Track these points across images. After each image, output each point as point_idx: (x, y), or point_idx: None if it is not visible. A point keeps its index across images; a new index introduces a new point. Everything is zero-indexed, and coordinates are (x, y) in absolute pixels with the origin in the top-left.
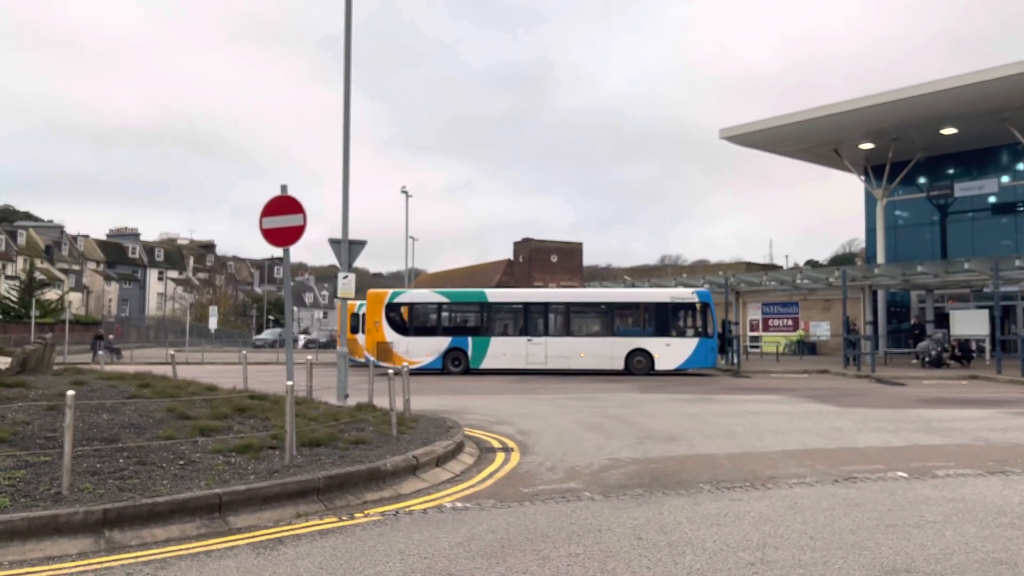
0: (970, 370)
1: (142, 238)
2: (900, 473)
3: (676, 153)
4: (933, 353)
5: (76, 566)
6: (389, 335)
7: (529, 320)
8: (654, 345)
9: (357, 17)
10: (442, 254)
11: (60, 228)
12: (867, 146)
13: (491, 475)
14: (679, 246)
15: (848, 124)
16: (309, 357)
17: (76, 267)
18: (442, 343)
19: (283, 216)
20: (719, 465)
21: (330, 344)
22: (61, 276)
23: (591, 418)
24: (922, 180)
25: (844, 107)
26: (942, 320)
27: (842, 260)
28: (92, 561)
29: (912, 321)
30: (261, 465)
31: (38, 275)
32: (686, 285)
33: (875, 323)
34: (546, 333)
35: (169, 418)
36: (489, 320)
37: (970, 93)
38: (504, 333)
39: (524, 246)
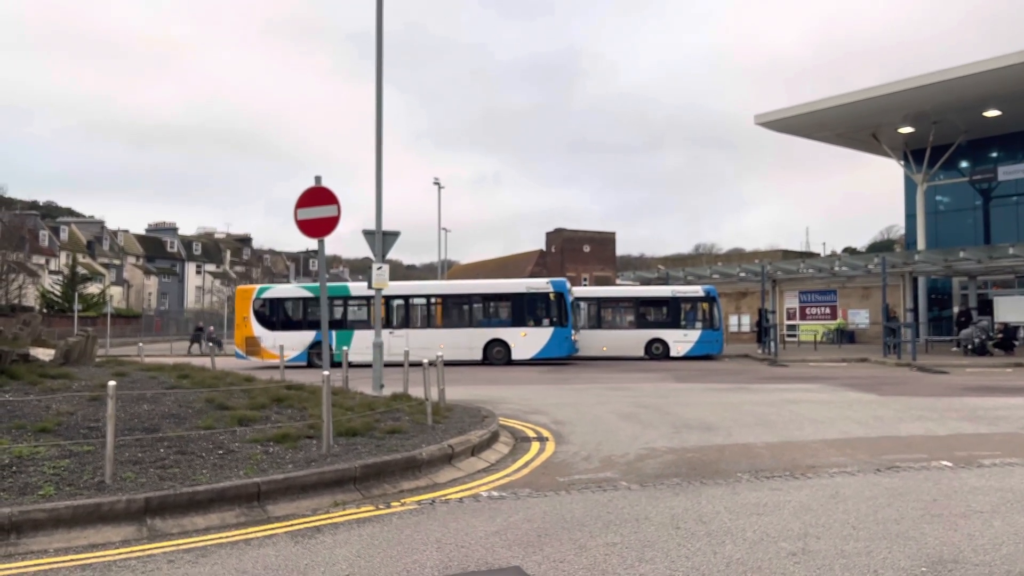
0: (1014, 358)
1: (180, 232)
2: (945, 462)
3: (705, 141)
4: (976, 341)
5: (119, 553)
6: (257, 330)
7: (392, 313)
8: (511, 335)
9: (386, 11)
10: (472, 245)
11: (101, 223)
12: (907, 130)
13: (526, 464)
14: (712, 235)
15: (887, 108)
16: (344, 348)
17: (117, 261)
18: (307, 337)
19: (317, 207)
20: (757, 454)
21: None
22: (102, 270)
23: (625, 407)
24: (964, 164)
25: (883, 90)
26: (985, 307)
27: (881, 247)
28: (135, 548)
29: (957, 308)
30: (299, 454)
31: (80, 270)
32: (722, 274)
33: (915, 310)
34: (407, 325)
35: (208, 408)
36: (352, 314)
37: (1014, 74)
38: (367, 326)
39: (556, 236)
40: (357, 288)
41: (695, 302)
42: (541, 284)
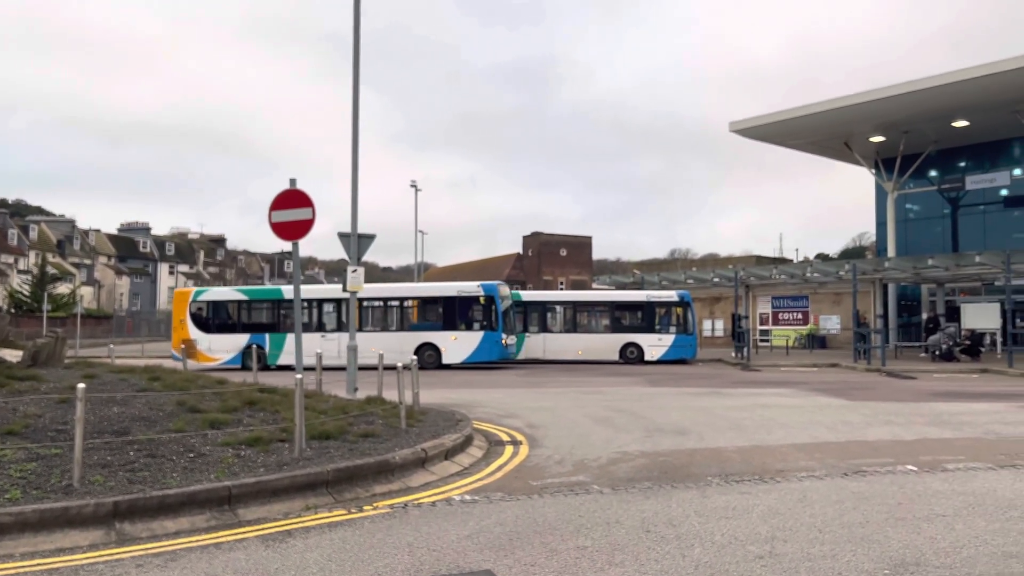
0: (981, 364)
1: (153, 232)
2: (910, 467)
3: (681, 148)
4: (944, 347)
5: (87, 558)
6: (193, 332)
7: (324, 316)
8: (441, 339)
9: (365, 12)
10: (449, 248)
11: (72, 223)
12: (878, 139)
13: (500, 468)
14: (688, 240)
15: (859, 117)
16: (318, 350)
17: (88, 261)
18: (241, 340)
19: (292, 210)
20: (728, 458)
21: None
22: (73, 270)
23: (600, 411)
24: (933, 173)
25: (855, 100)
26: (953, 313)
27: (852, 253)
28: (103, 553)
29: (926, 315)
30: (271, 458)
31: (50, 269)
32: (697, 279)
33: (885, 316)
34: (339, 329)
35: (179, 411)
36: (286, 317)
37: (982, 85)
38: (302, 329)
39: (533, 240)
40: (289, 291)
41: (669, 307)
42: (472, 288)
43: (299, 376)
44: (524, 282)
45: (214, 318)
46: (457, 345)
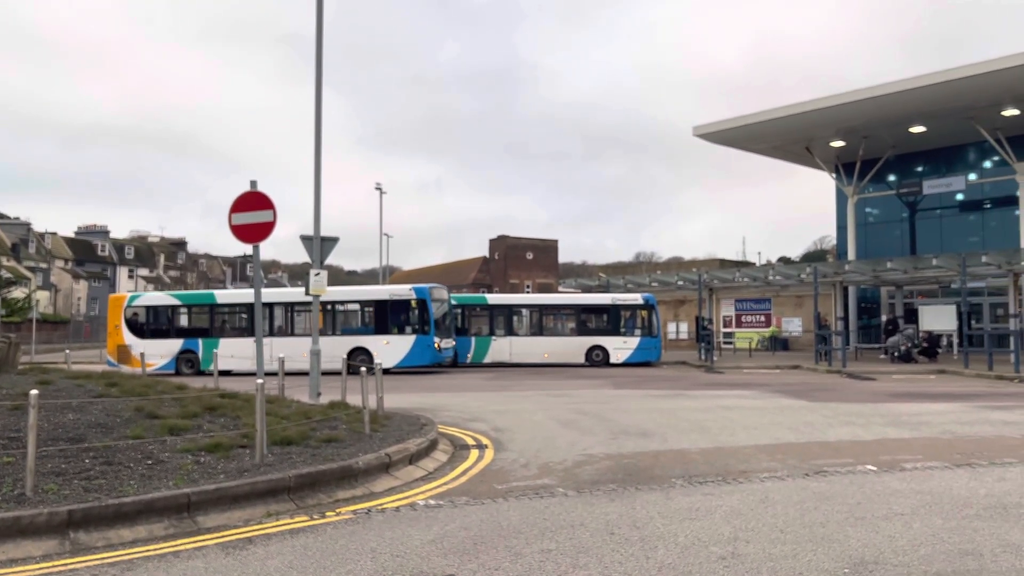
0: (938, 364)
1: (112, 236)
2: (869, 466)
3: (645, 152)
4: (902, 348)
5: (40, 568)
6: (128, 338)
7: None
8: (373, 343)
9: (328, 14)
10: (415, 251)
11: (27, 225)
12: (838, 144)
13: (464, 472)
14: (652, 243)
15: (819, 122)
16: (281, 355)
17: (44, 265)
18: (175, 345)
19: (253, 212)
20: (692, 460)
21: None
22: (28, 274)
23: (565, 414)
24: (892, 178)
25: (815, 105)
26: (911, 315)
27: (814, 257)
28: (57, 563)
29: (885, 317)
30: (231, 464)
31: (4, 273)
32: (661, 282)
33: (846, 319)
34: (271, 333)
35: (137, 417)
36: (219, 322)
37: (938, 92)
38: (232, 334)
39: (500, 243)
40: (223, 296)
41: (634, 310)
42: (404, 291)
43: (260, 381)
44: (491, 285)
45: (148, 323)
46: (389, 349)
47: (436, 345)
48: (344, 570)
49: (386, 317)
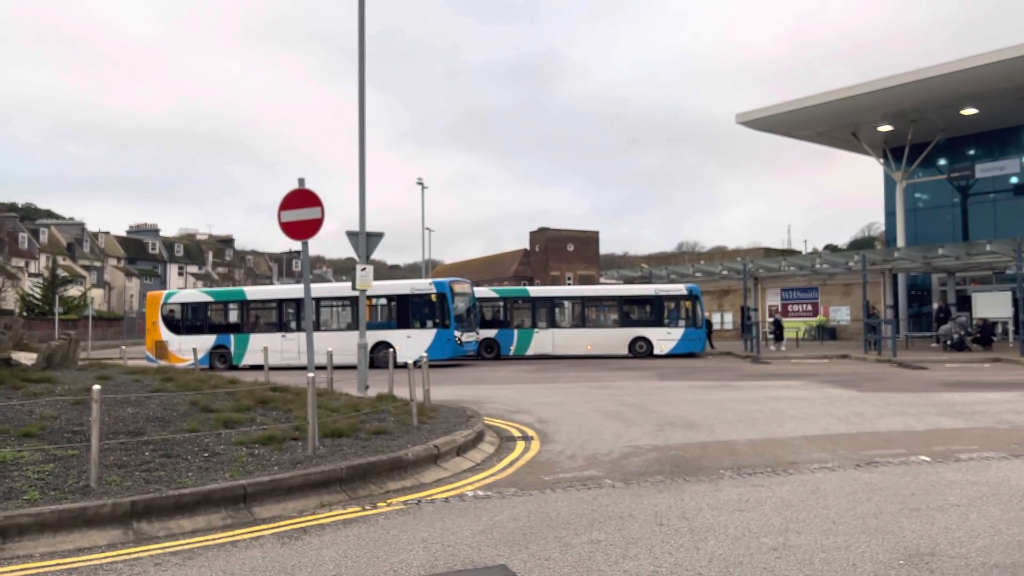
0: (993, 353)
1: (162, 234)
2: (923, 457)
3: (683, 141)
4: (955, 336)
5: (106, 557)
6: (165, 334)
7: (283, 316)
8: (395, 337)
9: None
10: (455, 244)
11: (81, 225)
12: (886, 128)
13: (511, 464)
14: (694, 233)
15: (866, 106)
16: (330, 349)
17: (97, 263)
18: (208, 341)
19: (301, 209)
20: (739, 451)
21: None
22: (83, 273)
23: (609, 406)
24: (942, 162)
25: (862, 89)
26: (964, 303)
27: (861, 244)
28: (121, 552)
29: (936, 304)
30: (284, 456)
31: (61, 272)
32: (705, 272)
33: (895, 307)
34: (299, 329)
35: (193, 411)
36: (249, 317)
37: (991, 72)
38: (262, 329)
39: (540, 235)
40: (252, 292)
41: (678, 300)
42: (424, 285)
43: (311, 375)
44: (532, 278)
45: (184, 319)
46: (411, 343)
47: (457, 339)
48: (397, 560)
49: (407, 311)
